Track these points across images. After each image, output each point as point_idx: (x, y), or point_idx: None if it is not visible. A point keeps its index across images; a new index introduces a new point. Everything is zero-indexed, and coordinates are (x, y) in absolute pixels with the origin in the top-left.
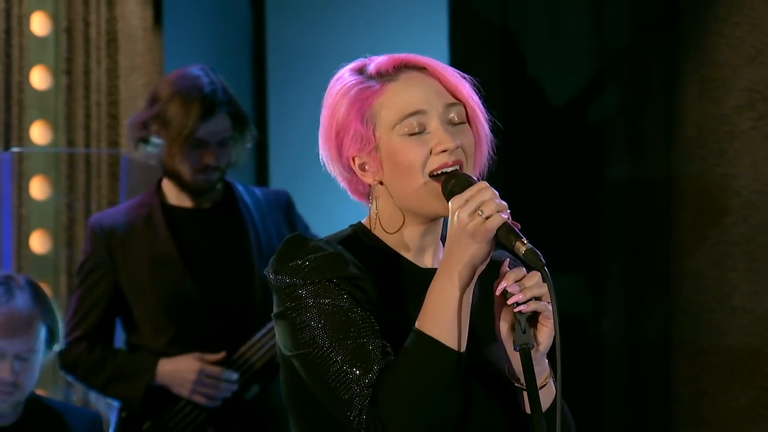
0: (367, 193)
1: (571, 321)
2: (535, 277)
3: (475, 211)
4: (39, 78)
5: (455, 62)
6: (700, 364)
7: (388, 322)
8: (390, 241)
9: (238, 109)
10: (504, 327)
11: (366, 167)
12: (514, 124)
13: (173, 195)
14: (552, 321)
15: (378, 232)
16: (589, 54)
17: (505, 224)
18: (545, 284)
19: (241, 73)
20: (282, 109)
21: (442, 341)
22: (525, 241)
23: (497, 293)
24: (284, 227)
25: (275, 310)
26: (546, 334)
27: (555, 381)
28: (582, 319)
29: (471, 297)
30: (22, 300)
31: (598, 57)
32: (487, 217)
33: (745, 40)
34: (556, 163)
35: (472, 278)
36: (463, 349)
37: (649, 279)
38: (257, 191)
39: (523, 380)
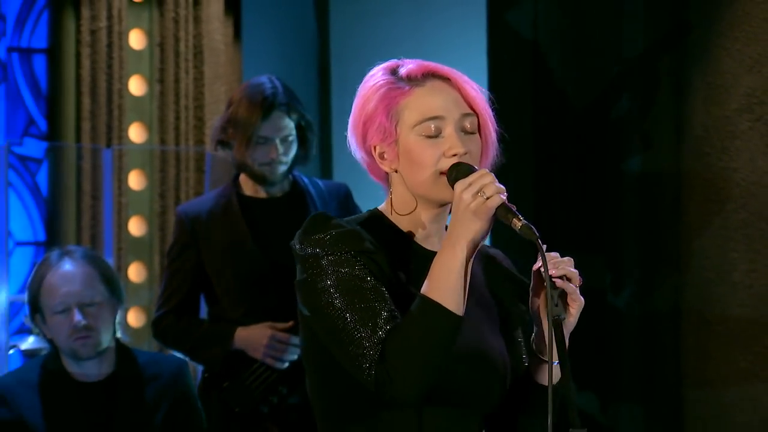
0: (385, 177)
1: (593, 294)
2: (567, 260)
3: (477, 192)
4: (136, 86)
5: (492, 70)
6: (705, 332)
7: (396, 293)
8: (402, 224)
9: (299, 110)
10: (537, 302)
11: (385, 156)
12: (542, 124)
13: (248, 187)
14: (577, 303)
15: (392, 215)
16: (609, 63)
17: (503, 204)
18: (574, 269)
19: (308, 80)
20: (344, 110)
21: (445, 305)
22: (521, 218)
23: (534, 270)
24: (343, 215)
25: (298, 277)
26: (572, 314)
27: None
28: (602, 293)
29: (470, 268)
30: (72, 261)
31: (617, 66)
32: (488, 198)
33: (744, 51)
34: (580, 158)
35: (473, 252)
36: (462, 313)
37: (661, 258)
38: (320, 183)
39: (546, 353)
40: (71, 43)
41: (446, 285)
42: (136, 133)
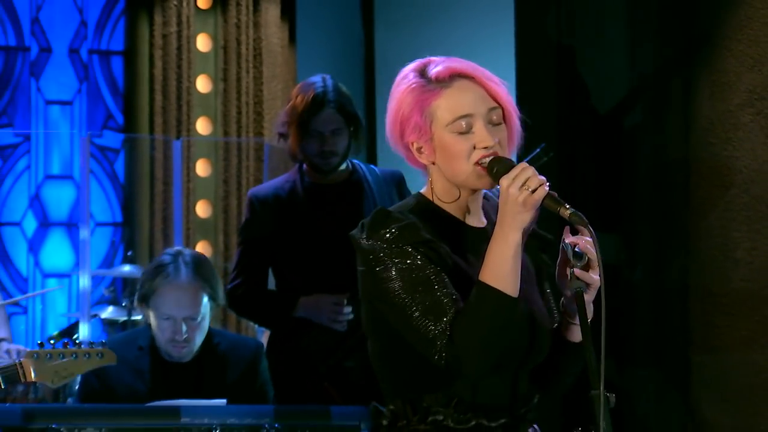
0: (424, 167)
1: (610, 270)
2: (587, 236)
3: (523, 185)
4: (202, 84)
5: (520, 72)
6: (710, 303)
7: (453, 273)
8: (447, 207)
9: (347, 106)
10: (564, 275)
11: (422, 150)
12: (564, 118)
13: (311, 173)
14: (595, 271)
15: (435, 200)
16: (625, 64)
17: (549, 194)
18: (593, 247)
19: (355, 79)
20: (386, 105)
21: (502, 290)
22: (567, 206)
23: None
24: (396, 199)
25: (361, 267)
26: (593, 286)
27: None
28: (618, 269)
29: (520, 253)
30: (186, 275)
31: (632, 66)
32: (533, 190)
33: (746, 52)
34: (598, 148)
35: (522, 239)
36: (517, 294)
37: (670, 237)
38: (377, 170)
39: (576, 317)
40: (145, 46)
41: (502, 271)
42: (202, 126)
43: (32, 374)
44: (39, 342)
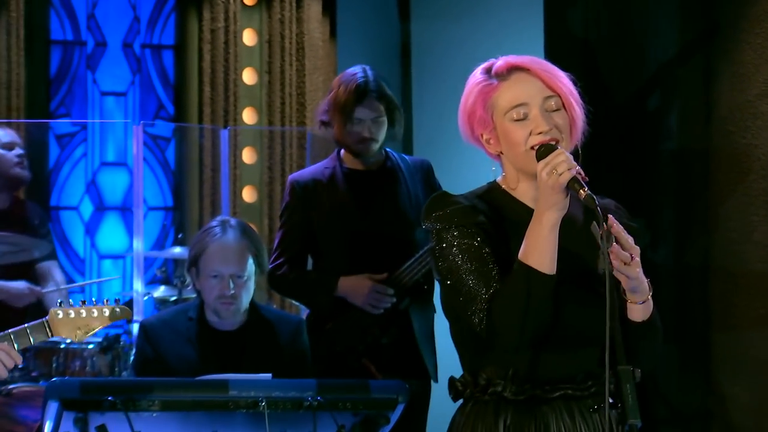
0: (498, 157)
1: None
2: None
3: (552, 170)
4: (248, 76)
5: (550, 54)
6: (729, 284)
7: (504, 254)
8: (516, 193)
9: (388, 96)
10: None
11: (490, 141)
12: (592, 109)
13: (349, 160)
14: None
15: (506, 187)
16: (648, 56)
17: (573, 178)
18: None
19: (392, 71)
20: (422, 97)
21: (536, 268)
22: (585, 189)
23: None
24: (426, 186)
25: (429, 246)
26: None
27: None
28: (642, 251)
29: (557, 233)
30: (233, 235)
31: (655, 59)
32: (560, 174)
33: (764, 45)
34: (624, 137)
35: (558, 218)
36: (552, 271)
37: (692, 221)
38: (408, 158)
39: (632, 297)
40: (194, 41)
41: (537, 250)
42: (248, 115)
43: (57, 330)
44: (59, 301)
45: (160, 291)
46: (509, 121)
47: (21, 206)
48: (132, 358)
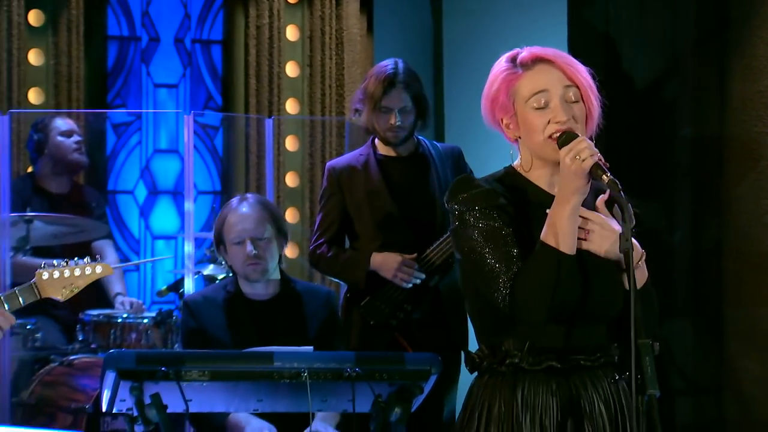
0: (515, 141)
1: (652, 234)
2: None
3: (575, 156)
4: (291, 69)
5: (572, 47)
6: (741, 263)
7: (526, 235)
8: (530, 176)
9: (416, 87)
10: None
11: (510, 126)
12: (613, 99)
13: (382, 147)
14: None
15: (521, 171)
16: (666, 50)
17: (595, 164)
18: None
19: (425, 64)
20: (453, 87)
21: (558, 248)
22: (608, 174)
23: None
24: (456, 171)
25: (451, 226)
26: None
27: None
28: (659, 232)
29: (578, 215)
30: (248, 204)
31: (672, 51)
32: (583, 160)
33: None
34: (643, 126)
35: (579, 202)
36: (573, 251)
37: (707, 205)
38: (439, 145)
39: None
40: (241, 36)
41: (559, 231)
42: (291, 106)
43: (45, 291)
44: (43, 263)
45: (209, 269)
46: (530, 108)
47: (80, 190)
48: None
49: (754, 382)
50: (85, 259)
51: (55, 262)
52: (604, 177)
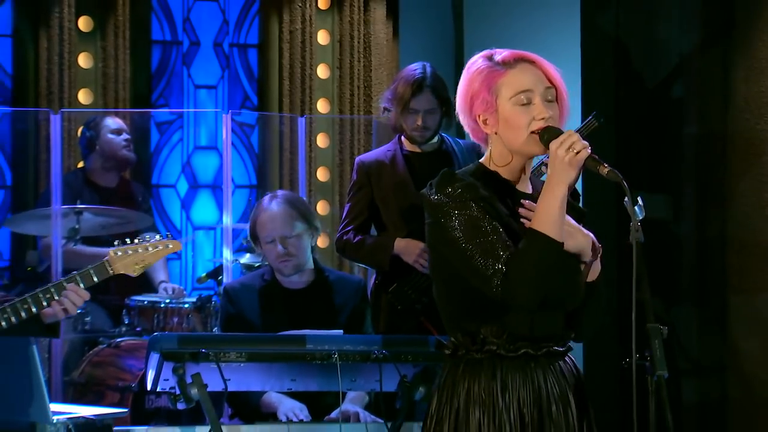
0: (484, 138)
1: (660, 224)
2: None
3: (569, 148)
4: (322, 71)
5: (585, 59)
6: (744, 252)
7: (504, 225)
8: (502, 172)
9: (441, 90)
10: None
11: (487, 122)
12: (623, 99)
13: (408, 144)
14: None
15: (492, 166)
16: (673, 51)
17: (590, 156)
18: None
19: (447, 67)
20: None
21: (550, 235)
22: (606, 165)
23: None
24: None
25: (429, 219)
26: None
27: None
28: (666, 223)
29: (565, 205)
30: (277, 204)
31: (679, 53)
32: (578, 152)
33: None
34: (651, 123)
35: (566, 193)
36: (562, 239)
37: (711, 197)
38: (461, 142)
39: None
40: (275, 40)
41: (549, 220)
42: (322, 105)
43: (117, 268)
44: (116, 242)
45: (246, 258)
46: (514, 105)
47: (127, 185)
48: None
49: (755, 363)
50: (156, 237)
51: (127, 240)
52: (602, 167)
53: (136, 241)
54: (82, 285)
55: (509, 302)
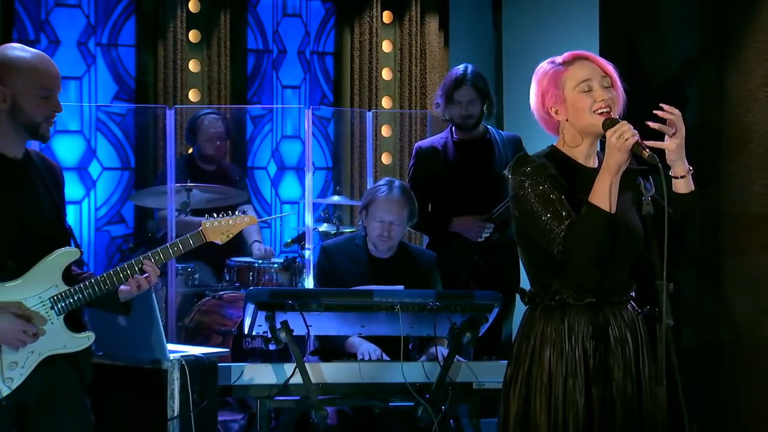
0: (555, 128)
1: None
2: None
3: (620, 136)
4: (386, 74)
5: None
6: (735, 223)
7: (571, 198)
8: (571, 153)
9: (481, 83)
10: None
11: (558, 112)
12: (631, 93)
13: (457, 132)
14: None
15: (564, 149)
16: (675, 54)
17: (636, 142)
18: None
19: (489, 66)
20: (510, 88)
21: (602, 207)
22: (647, 150)
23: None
24: (516, 153)
25: (510, 193)
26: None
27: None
28: (669, 199)
29: (617, 183)
30: (397, 193)
31: (682, 55)
32: (626, 139)
33: (763, 48)
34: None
35: (619, 173)
36: (613, 210)
37: (706, 177)
38: (503, 133)
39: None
40: (348, 49)
41: (603, 195)
42: (386, 102)
43: (209, 236)
44: (206, 215)
45: (324, 227)
46: (578, 92)
47: (226, 167)
48: (304, 273)
49: (743, 314)
50: (237, 212)
51: (215, 214)
52: (645, 152)
53: (221, 214)
54: (180, 248)
55: (568, 260)
